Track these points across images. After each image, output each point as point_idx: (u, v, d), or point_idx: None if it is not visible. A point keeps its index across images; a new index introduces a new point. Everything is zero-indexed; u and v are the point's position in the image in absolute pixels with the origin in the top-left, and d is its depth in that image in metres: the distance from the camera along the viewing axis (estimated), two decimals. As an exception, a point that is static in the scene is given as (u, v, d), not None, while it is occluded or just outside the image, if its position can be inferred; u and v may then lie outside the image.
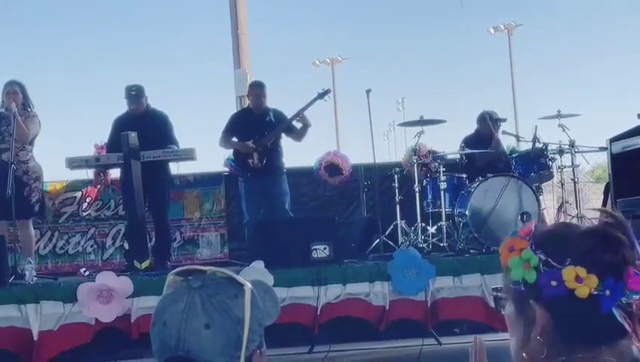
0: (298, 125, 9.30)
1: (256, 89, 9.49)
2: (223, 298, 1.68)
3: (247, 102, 13.09)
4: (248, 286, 1.72)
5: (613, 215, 1.68)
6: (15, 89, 8.33)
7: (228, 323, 1.66)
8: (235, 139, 9.40)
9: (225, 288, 1.71)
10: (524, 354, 1.65)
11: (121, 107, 9.07)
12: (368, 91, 9.20)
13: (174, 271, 1.79)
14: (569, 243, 1.62)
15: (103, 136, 9.06)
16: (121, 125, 8.69)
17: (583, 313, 1.60)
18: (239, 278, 1.74)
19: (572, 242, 1.62)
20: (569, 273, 1.58)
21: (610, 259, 1.59)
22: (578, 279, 1.58)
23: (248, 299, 1.69)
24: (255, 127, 9.22)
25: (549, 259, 1.61)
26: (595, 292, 1.57)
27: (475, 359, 2.05)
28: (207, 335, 1.64)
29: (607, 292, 1.57)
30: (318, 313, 7.19)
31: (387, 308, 7.30)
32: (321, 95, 9.32)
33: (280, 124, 9.23)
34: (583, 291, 1.58)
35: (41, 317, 6.94)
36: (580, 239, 1.62)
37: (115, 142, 8.47)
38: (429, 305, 7.33)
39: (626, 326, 1.59)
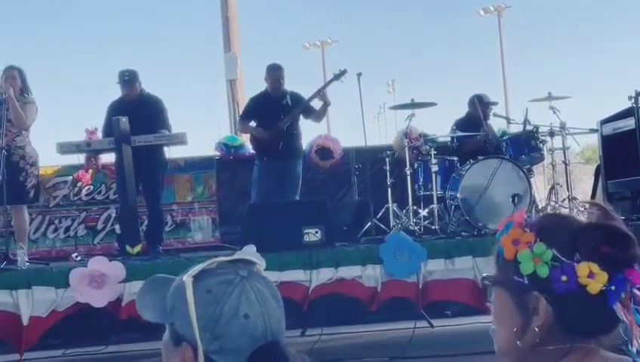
0: (317, 105, 9.29)
1: (275, 72, 9.42)
2: (270, 283, 1.72)
3: (237, 86, 13.10)
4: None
5: (605, 209, 1.69)
6: (14, 74, 8.29)
7: (279, 307, 1.69)
8: (253, 124, 9.40)
9: (262, 277, 1.73)
10: (518, 343, 1.66)
11: (112, 92, 9.06)
12: (359, 75, 9.22)
13: (226, 258, 1.73)
14: (577, 237, 1.63)
15: (94, 121, 9.04)
16: (116, 110, 8.67)
17: (591, 308, 1.62)
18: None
19: (580, 237, 1.63)
20: (583, 269, 1.60)
21: (619, 254, 1.60)
22: (591, 275, 1.59)
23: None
24: (272, 110, 9.19)
25: (559, 255, 1.62)
26: (604, 288, 1.59)
27: None
28: (280, 316, 1.68)
29: (613, 288, 1.59)
30: (309, 292, 7.21)
31: (379, 289, 7.32)
32: (338, 76, 9.28)
33: (297, 107, 9.22)
34: (594, 287, 1.59)
35: (32, 303, 6.94)
36: (587, 234, 1.63)
37: (110, 127, 8.45)
38: (420, 286, 7.36)
39: (623, 316, 1.60)
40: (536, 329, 1.64)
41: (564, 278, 1.60)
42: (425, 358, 7.05)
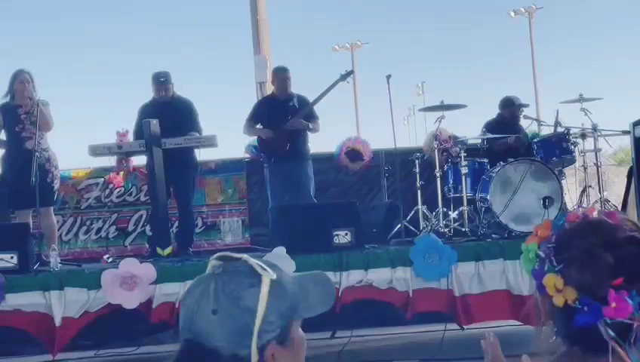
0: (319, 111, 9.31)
1: (281, 73, 9.48)
2: (237, 286, 1.69)
3: (267, 88, 13.12)
4: (270, 276, 1.71)
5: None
6: (27, 78, 8.39)
7: (236, 312, 1.66)
8: (259, 126, 9.41)
9: (242, 277, 1.70)
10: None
11: (142, 94, 9.11)
12: (388, 77, 9.20)
13: (216, 254, 1.79)
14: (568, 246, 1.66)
15: (124, 123, 9.09)
16: (147, 112, 8.72)
17: (560, 320, 1.65)
18: (262, 268, 1.72)
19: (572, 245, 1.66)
20: (549, 280, 1.65)
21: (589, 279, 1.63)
22: (557, 289, 1.64)
23: (265, 289, 1.69)
24: (278, 113, 9.21)
25: (548, 258, 1.65)
26: (572, 305, 1.60)
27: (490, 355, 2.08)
28: (215, 321, 1.66)
29: (585, 309, 1.60)
30: (340, 295, 7.19)
31: (411, 295, 7.28)
32: (344, 76, 9.31)
33: (302, 109, 9.22)
34: (558, 300, 1.64)
35: (65, 304, 7.00)
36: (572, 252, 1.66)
37: (141, 129, 8.50)
38: (455, 296, 7.27)
39: (614, 345, 1.59)
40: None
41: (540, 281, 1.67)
42: (455, 361, 7.03)
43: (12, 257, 7.26)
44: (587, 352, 1.64)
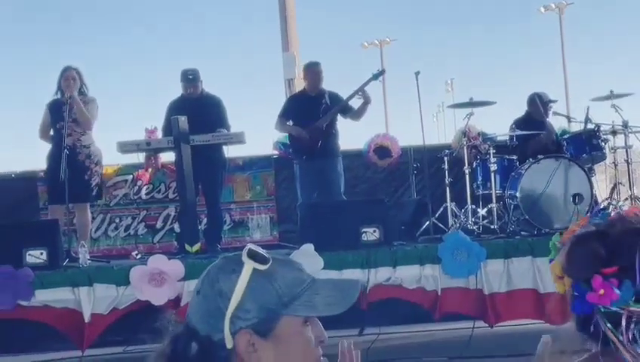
0: (357, 103, 9.28)
1: (313, 68, 9.48)
2: (220, 271, 1.72)
3: (295, 85, 13.13)
4: (255, 266, 1.70)
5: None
6: (73, 74, 8.46)
7: (210, 294, 1.70)
8: (290, 123, 9.42)
9: (228, 263, 1.74)
10: None
11: (171, 92, 9.14)
12: (417, 73, 9.17)
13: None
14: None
15: (153, 120, 9.13)
16: (176, 109, 8.74)
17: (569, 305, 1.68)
18: (250, 257, 1.71)
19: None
20: (553, 267, 1.69)
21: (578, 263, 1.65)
22: (558, 276, 1.67)
23: (245, 277, 1.68)
24: (310, 109, 9.21)
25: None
26: (571, 292, 1.62)
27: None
28: (195, 302, 1.73)
29: (576, 294, 1.62)
30: (368, 292, 7.17)
31: (439, 293, 7.24)
32: (376, 76, 9.30)
33: (334, 106, 9.22)
34: (559, 287, 1.68)
35: (94, 300, 7.03)
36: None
37: (169, 126, 8.52)
38: (483, 295, 7.23)
39: (610, 335, 1.58)
40: None
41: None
42: (484, 358, 7.00)
43: (42, 253, 7.31)
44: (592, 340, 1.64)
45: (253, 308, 1.68)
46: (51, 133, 8.62)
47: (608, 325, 1.57)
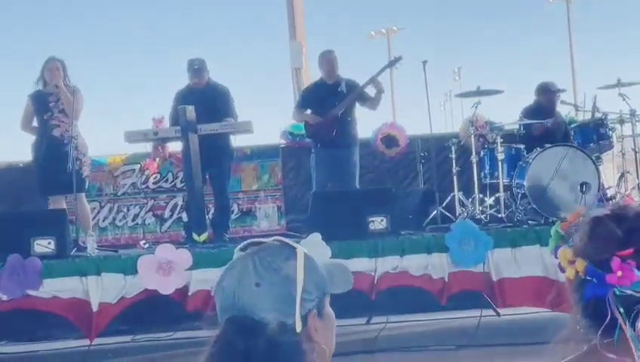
0: (372, 92, 9.26)
1: (327, 54, 9.45)
2: (274, 259, 1.75)
3: (302, 74, 13.11)
4: (302, 249, 1.77)
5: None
6: (57, 65, 8.43)
7: (277, 281, 1.71)
8: (308, 112, 9.41)
9: (277, 251, 1.78)
10: None
11: (179, 81, 9.15)
12: (424, 63, 9.15)
13: (238, 246, 1.86)
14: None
15: (160, 110, 9.12)
16: (183, 99, 8.73)
17: (576, 297, 1.67)
18: (293, 243, 1.79)
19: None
20: (561, 253, 1.69)
21: (595, 246, 1.65)
22: (570, 261, 1.67)
23: (301, 260, 1.74)
24: (326, 97, 9.19)
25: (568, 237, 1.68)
26: (582, 276, 1.61)
27: None
28: (259, 293, 1.71)
29: (593, 280, 1.61)
30: (375, 281, 7.17)
31: (447, 279, 7.25)
32: (392, 62, 9.29)
33: (351, 94, 9.21)
34: (569, 272, 1.67)
35: (102, 289, 7.05)
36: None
37: (177, 116, 8.52)
38: (493, 278, 7.24)
39: (619, 319, 1.59)
40: None
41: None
42: (492, 347, 7.01)
43: (49, 243, 7.32)
44: (596, 327, 1.64)
45: (313, 289, 1.74)
46: (34, 123, 8.61)
47: (620, 309, 1.57)
